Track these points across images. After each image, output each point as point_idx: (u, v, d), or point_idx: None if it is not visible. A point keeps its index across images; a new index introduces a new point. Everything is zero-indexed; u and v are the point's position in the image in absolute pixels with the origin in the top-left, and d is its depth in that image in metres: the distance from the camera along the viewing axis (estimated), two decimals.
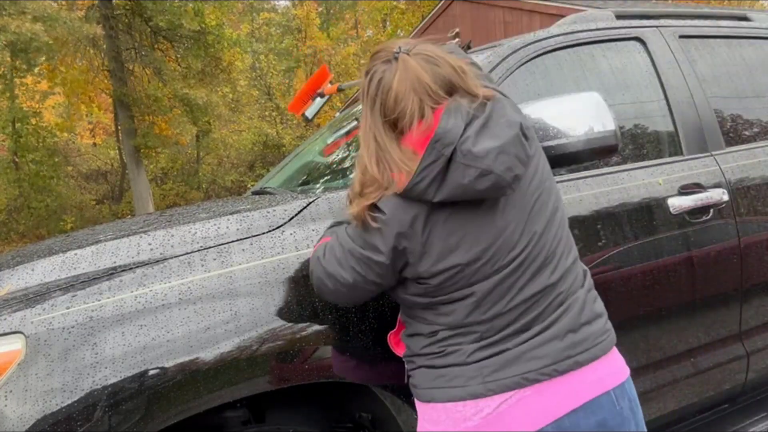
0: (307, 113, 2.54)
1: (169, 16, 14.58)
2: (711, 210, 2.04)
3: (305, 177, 2.50)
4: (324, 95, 2.50)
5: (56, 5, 14.85)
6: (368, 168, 1.19)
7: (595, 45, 2.13)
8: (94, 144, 22.81)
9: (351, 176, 1.81)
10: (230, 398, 1.40)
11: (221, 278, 1.42)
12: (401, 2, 23.00)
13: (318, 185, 2.20)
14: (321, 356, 1.47)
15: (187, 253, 1.45)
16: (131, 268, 1.41)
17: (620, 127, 1.88)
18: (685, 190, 2.02)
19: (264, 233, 1.53)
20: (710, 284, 2.04)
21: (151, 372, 1.30)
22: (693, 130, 2.15)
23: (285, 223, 1.56)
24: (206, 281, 1.41)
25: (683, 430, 2.13)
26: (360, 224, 1.21)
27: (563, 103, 1.63)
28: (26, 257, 1.62)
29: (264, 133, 20.84)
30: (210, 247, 1.47)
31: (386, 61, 1.21)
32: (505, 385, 1.15)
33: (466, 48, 1.95)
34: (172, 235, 1.50)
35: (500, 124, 1.13)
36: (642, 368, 1.94)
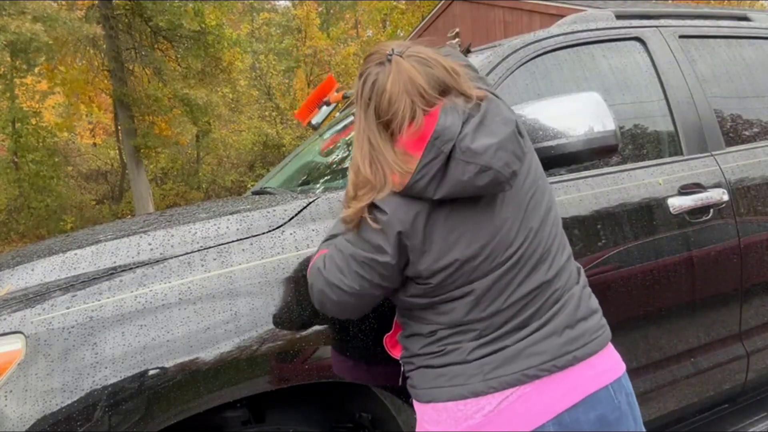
0: (314, 121, 2.57)
1: (169, 16, 14.58)
2: (711, 210, 2.04)
3: (305, 177, 2.51)
4: (330, 103, 2.54)
5: (56, 5, 14.85)
6: (361, 169, 1.20)
7: (595, 45, 2.13)
8: (94, 144, 22.79)
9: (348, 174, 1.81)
10: (230, 398, 1.40)
11: (221, 278, 1.42)
12: (401, 2, 23.00)
13: (318, 185, 2.20)
14: (321, 356, 1.47)
15: (187, 253, 1.45)
16: (131, 268, 1.41)
17: (620, 127, 1.89)
18: (685, 190, 2.02)
19: (264, 233, 1.53)
20: (710, 284, 2.04)
21: (151, 372, 1.30)
22: (693, 130, 2.15)
23: (285, 223, 1.56)
24: (206, 281, 1.41)
25: (683, 430, 2.13)
26: (357, 227, 1.21)
27: (563, 103, 1.63)
28: (26, 257, 1.62)
29: (264, 133, 20.84)
30: (210, 247, 1.47)
31: (380, 63, 1.23)
32: (506, 382, 1.16)
33: (466, 51, 1.95)
34: (172, 235, 1.50)
35: (496, 122, 1.15)
36: (642, 368, 1.94)
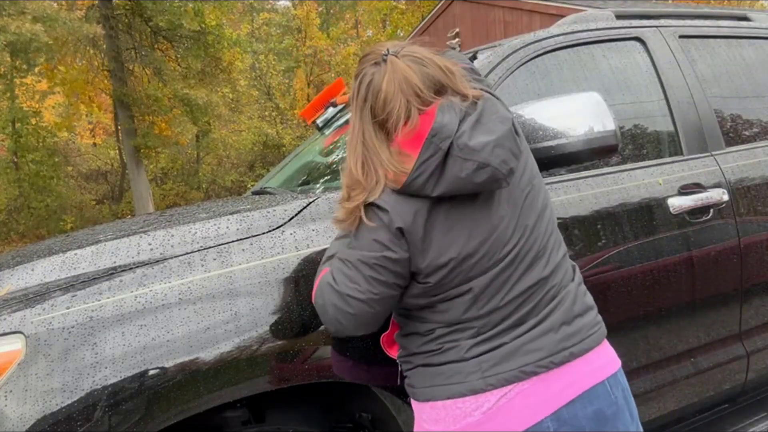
0: (319, 121, 2.58)
1: (169, 16, 14.58)
2: (711, 210, 2.04)
3: (305, 177, 2.51)
4: (336, 105, 2.55)
5: (56, 5, 14.85)
6: (353, 170, 1.21)
7: (595, 45, 2.13)
8: (94, 144, 22.79)
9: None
10: (230, 398, 1.40)
11: (221, 278, 1.42)
12: (401, 2, 23.00)
13: (318, 185, 2.20)
14: (321, 356, 1.47)
15: (187, 253, 1.45)
16: (131, 268, 1.41)
17: (620, 127, 1.88)
18: (685, 190, 2.02)
19: (264, 233, 1.53)
20: (710, 284, 2.04)
21: (151, 372, 1.30)
22: (693, 130, 2.15)
23: (285, 223, 1.56)
24: (206, 281, 1.41)
25: (683, 430, 2.13)
26: (357, 230, 1.21)
27: (563, 103, 1.63)
28: (26, 257, 1.63)
29: (264, 133, 20.84)
30: (210, 247, 1.47)
31: (375, 64, 1.23)
32: (504, 379, 1.16)
33: (473, 57, 1.96)
34: (172, 235, 1.50)
35: (493, 120, 1.16)
36: (642, 368, 1.94)
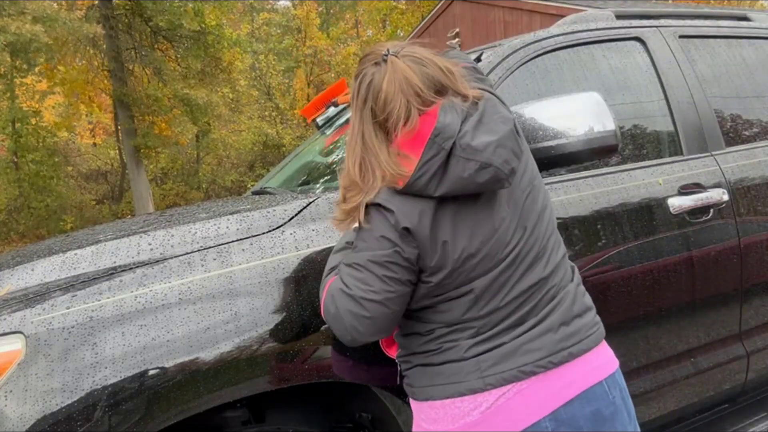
0: (319, 120, 2.59)
1: (169, 16, 14.58)
2: (711, 210, 2.04)
3: (305, 177, 2.51)
4: (338, 104, 2.55)
5: (56, 5, 14.85)
6: (350, 171, 1.21)
7: (595, 45, 2.13)
8: (94, 144, 22.79)
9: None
10: (230, 398, 1.40)
11: (221, 278, 1.42)
12: (401, 2, 22.99)
13: (318, 185, 2.20)
14: (321, 356, 1.47)
15: (187, 253, 1.45)
16: (131, 268, 1.41)
17: (620, 127, 1.88)
18: (685, 190, 2.02)
19: (264, 233, 1.53)
20: (710, 284, 2.04)
21: (151, 372, 1.30)
22: (693, 130, 2.15)
23: (285, 223, 1.56)
24: (206, 281, 1.41)
25: (683, 430, 2.13)
26: (359, 230, 1.21)
27: (563, 103, 1.63)
28: (26, 257, 1.63)
29: (264, 133, 20.84)
30: (210, 247, 1.47)
31: (375, 64, 1.23)
32: (503, 379, 1.16)
33: (477, 60, 1.96)
34: (172, 235, 1.50)
35: (494, 120, 1.16)
36: (642, 368, 1.94)
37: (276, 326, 1.42)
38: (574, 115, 1.61)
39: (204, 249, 1.47)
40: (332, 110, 2.58)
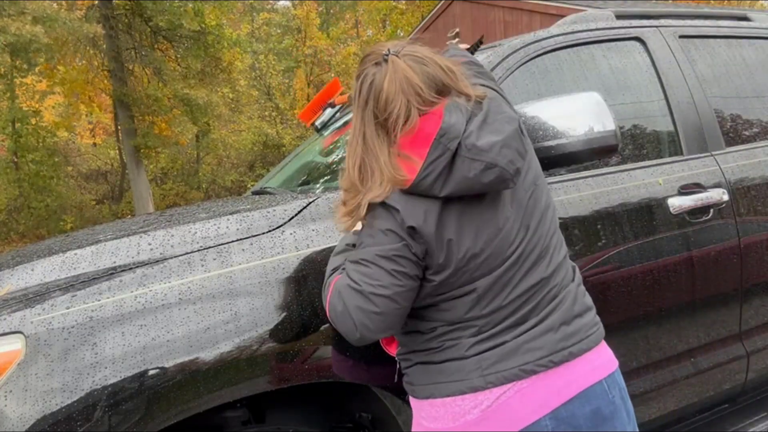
0: (317, 123, 2.58)
1: (169, 16, 14.58)
2: (711, 210, 2.04)
3: (305, 177, 2.51)
4: (335, 105, 2.54)
5: (56, 5, 14.85)
6: (350, 172, 1.21)
7: (595, 45, 2.13)
8: (94, 144, 22.78)
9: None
10: (230, 398, 1.40)
11: (221, 278, 1.42)
12: (401, 2, 22.99)
13: (318, 185, 2.20)
14: (321, 356, 1.47)
15: (187, 253, 1.45)
16: (131, 268, 1.41)
17: (620, 127, 1.88)
18: (685, 190, 2.02)
19: (264, 233, 1.53)
20: (710, 284, 2.04)
21: (151, 372, 1.30)
22: (693, 130, 2.15)
23: (285, 223, 1.56)
24: (206, 281, 1.41)
25: (683, 430, 2.13)
26: (365, 227, 1.20)
27: (563, 103, 1.63)
28: (26, 257, 1.63)
29: (264, 133, 20.84)
30: (210, 247, 1.47)
31: (376, 64, 1.23)
32: (504, 377, 1.17)
33: (478, 43, 1.95)
34: (172, 235, 1.50)
35: (499, 120, 1.16)
36: (642, 368, 1.94)
37: (276, 326, 1.42)
38: (574, 115, 1.61)
39: (204, 249, 1.47)
40: (329, 112, 2.57)
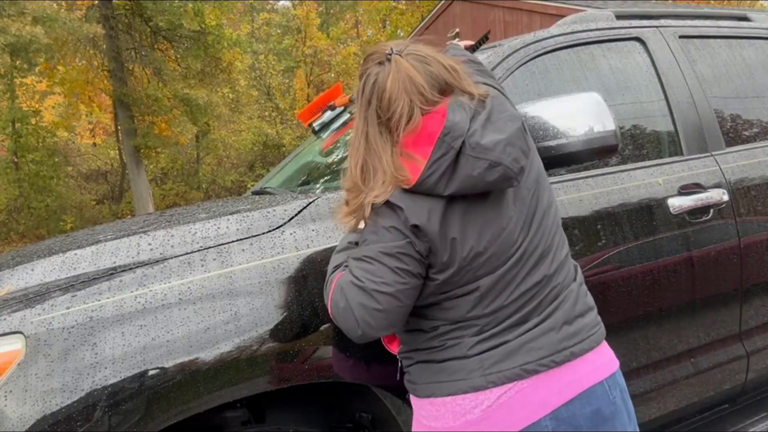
0: (315, 125, 2.57)
1: (169, 16, 14.58)
2: (711, 210, 2.04)
3: (305, 177, 2.51)
4: (335, 107, 2.54)
5: (56, 5, 14.85)
6: (352, 171, 1.21)
7: (595, 45, 2.13)
8: (94, 144, 22.79)
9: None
10: (230, 398, 1.40)
11: (221, 278, 1.42)
12: (401, 2, 22.99)
13: (318, 185, 2.20)
14: (321, 356, 1.47)
15: (187, 253, 1.45)
16: (131, 268, 1.41)
17: (620, 127, 1.88)
18: (685, 190, 2.02)
19: (264, 233, 1.53)
20: (710, 284, 2.04)
21: (151, 372, 1.30)
22: (693, 130, 2.15)
23: (285, 223, 1.56)
24: (206, 281, 1.41)
25: (683, 430, 2.13)
26: (367, 225, 1.20)
27: (563, 103, 1.63)
28: (26, 257, 1.63)
29: (264, 133, 20.84)
30: (210, 247, 1.47)
31: (380, 63, 1.23)
32: (506, 377, 1.16)
33: (484, 38, 1.94)
34: (172, 235, 1.50)
35: (503, 119, 1.16)
36: (642, 368, 1.94)
37: (276, 326, 1.42)
38: (574, 115, 1.61)
39: (204, 249, 1.47)
40: (329, 114, 2.56)
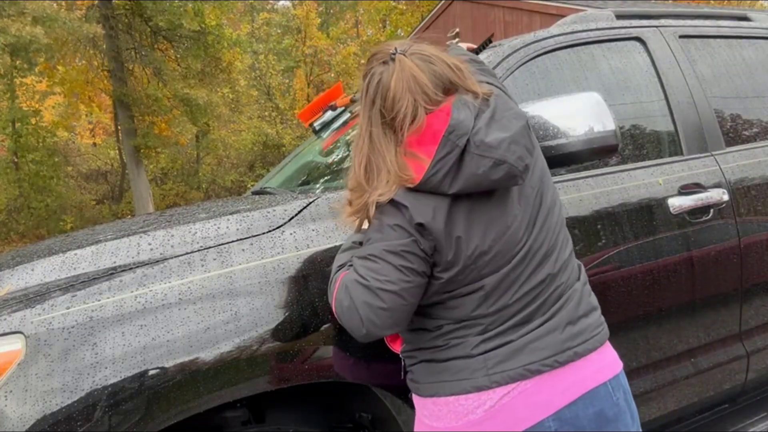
0: (316, 124, 2.57)
1: (169, 16, 14.59)
2: (711, 210, 2.04)
3: (305, 177, 2.51)
4: (336, 107, 2.53)
5: (56, 5, 14.86)
6: (356, 171, 1.21)
7: (595, 45, 2.13)
8: (94, 144, 22.80)
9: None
10: (230, 398, 1.40)
11: (221, 278, 1.42)
12: (401, 2, 22.99)
13: (318, 185, 2.20)
14: (321, 356, 1.47)
15: (187, 253, 1.45)
16: (131, 268, 1.41)
17: (620, 127, 1.88)
18: (685, 190, 2.02)
19: (264, 233, 1.53)
20: (710, 284, 2.04)
21: (151, 372, 1.30)
22: (693, 130, 2.15)
23: (285, 223, 1.56)
24: (206, 281, 1.41)
25: (683, 430, 2.13)
26: (372, 224, 1.20)
27: (563, 103, 1.63)
28: (26, 257, 1.62)
29: (264, 133, 20.85)
30: (210, 247, 1.47)
31: (384, 62, 1.23)
32: (509, 377, 1.16)
33: (487, 42, 1.94)
34: (172, 235, 1.50)
35: (507, 116, 1.16)
36: (642, 368, 1.94)
37: (276, 326, 1.42)
38: (574, 115, 1.61)
39: (204, 249, 1.47)
40: (329, 114, 2.56)
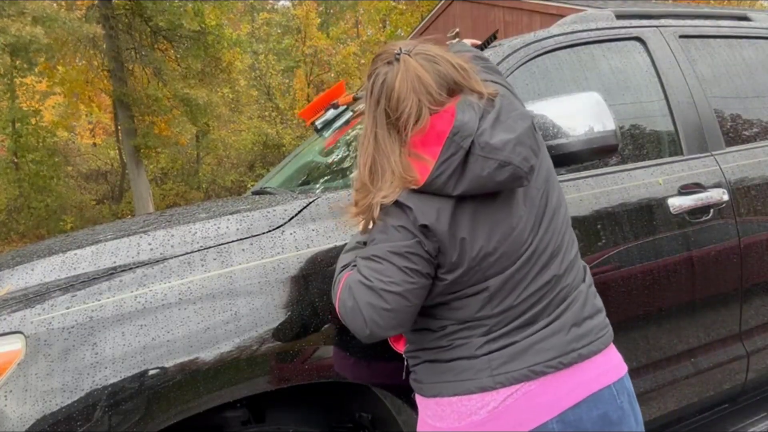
0: (318, 123, 2.57)
1: (169, 16, 14.59)
2: (711, 210, 2.04)
3: (305, 177, 2.51)
4: (338, 106, 2.53)
5: (56, 5, 14.86)
6: (361, 171, 1.21)
7: (595, 45, 2.13)
8: (94, 144, 22.80)
9: (351, 176, 1.81)
10: (230, 398, 1.40)
11: (221, 278, 1.42)
12: (401, 2, 22.99)
13: (318, 185, 2.20)
14: (321, 356, 1.47)
15: (187, 253, 1.45)
16: (131, 268, 1.41)
17: (620, 127, 1.88)
18: (685, 190, 2.02)
19: (264, 233, 1.53)
20: (710, 284, 2.04)
21: (151, 372, 1.30)
22: (693, 130, 2.15)
23: (285, 223, 1.56)
24: (206, 281, 1.41)
25: (683, 430, 2.13)
26: (377, 224, 1.20)
27: (563, 103, 1.63)
28: (26, 257, 1.62)
29: (264, 133, 20.85)
30: (210, 247, 1.47)
31: (388, 63, 1.22)
32: (513, 378, 1.16)
33: (492, 38, 1.94)
34: (172, 235, 1.50)
35: (512, 117, 1.15)
36: (642, 368, 1.94)
37: (276, 326, 1.42)
38: (574, 115, 1.61)
39: (204, 249, 1.47)
40: (331, 113, 2.56)
